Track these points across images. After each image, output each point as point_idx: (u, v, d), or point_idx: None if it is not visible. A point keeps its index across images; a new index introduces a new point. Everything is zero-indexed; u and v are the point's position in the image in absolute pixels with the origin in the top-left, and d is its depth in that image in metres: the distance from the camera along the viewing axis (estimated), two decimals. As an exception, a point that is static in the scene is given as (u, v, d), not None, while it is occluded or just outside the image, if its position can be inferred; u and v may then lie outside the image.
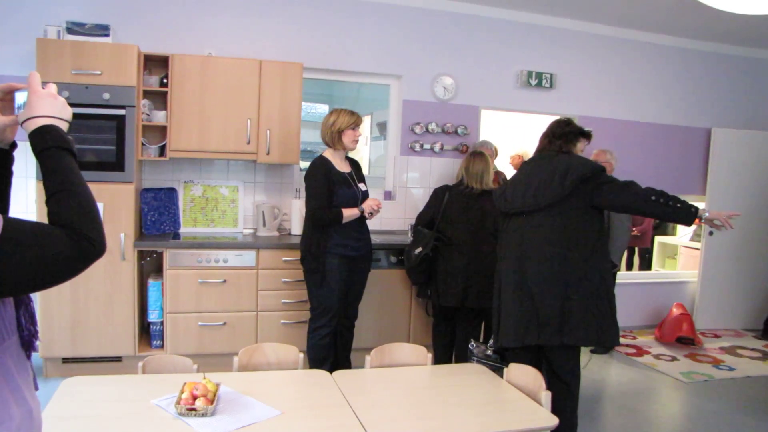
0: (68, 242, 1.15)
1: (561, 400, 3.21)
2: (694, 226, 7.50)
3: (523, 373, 2.86)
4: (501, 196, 3.57)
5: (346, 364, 4.30)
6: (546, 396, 2.63)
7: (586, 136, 3.56)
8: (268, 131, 4.72)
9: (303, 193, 4.28)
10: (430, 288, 4.53)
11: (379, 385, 2.78)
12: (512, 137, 6.95)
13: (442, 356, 4.56)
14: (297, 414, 2.34)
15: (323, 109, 6.87)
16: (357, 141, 4.09)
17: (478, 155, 4.44)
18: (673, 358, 5.71)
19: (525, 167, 3.57)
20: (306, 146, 6.07)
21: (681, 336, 6.08)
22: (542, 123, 6.31)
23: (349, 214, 3.94)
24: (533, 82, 5.95)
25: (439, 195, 4.48)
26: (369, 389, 2.74)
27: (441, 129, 5.67)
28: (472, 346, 3.87)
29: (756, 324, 6.96)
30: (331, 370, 2.93)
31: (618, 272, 5.49)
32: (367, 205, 4.02)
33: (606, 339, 3.31)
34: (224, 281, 4.48)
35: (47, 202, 1.21)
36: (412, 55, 5.54)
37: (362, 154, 6.68)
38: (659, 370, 5.37)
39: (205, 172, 5.06)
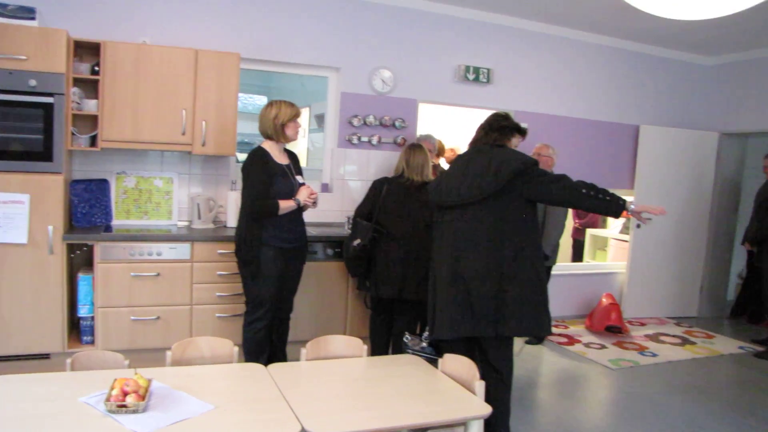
0: None
1: (495, 389, 3.29)
2: (623, 219, 7.78)
3: (458, 364, 2.92)
4: (436, 188, 3.59)
5: (281, 357, 4.29)
6: (480, 385, 2.69)
7: (522, 132, 3.63)
8: (203, 122, 4.65)
9: (239, 185, 4.24)
10: (368, 280, 4.55)
11: (314, 378, 2.79)
12: (449, 131, 7.03)
13: (379, 348, 4.59)
14: (231, 408, 2.33)
15: (261, 100, 6.79)
16: (299, 132, 4.09)
17: (418, 147, 4.48)
18: (602, 346, 5.92)
19: (460, 160, 3.60)
20: (242, 138, 6.00)
21: (610, 325, 6.31)
22: (479, 117, 6.47)
23: (285, 206, 3.92)
24: (471, 76, 6.03)
25: (377, 187, 4.50)
26: (305, 382, 2.74)
27: (379, 122, 5.70)
28: (407, 339, 3.92)
29: (677, 312, 7.29)
30: (266, 364, 2.91)
31: (555, 264, 5.66)
32: (302, 196, 4.01)
33: (539, 330, 3.39)
34: (158, 275, 4.39)
35: None
36: (351, 48, 5.54)
37: (300, 146, 6.64)
38: (589, 358, 5.56)
39: (139, 163, 4.94)
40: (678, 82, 7.40)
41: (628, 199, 3.44)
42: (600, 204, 3.30)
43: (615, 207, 3.32)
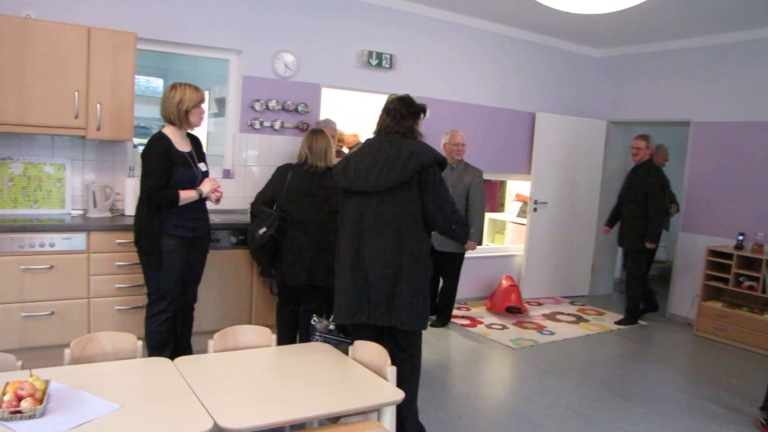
0: None
1: (405, 373, 3.34)
2: (520, 203, 8.07)
3: (368, 350, 2.95)
4: (342, 171, 3.54)
5: (187, 350, 4.17)
6: (391, 371, 2.73)
7: (425, 111, 3.63)
8: (98, 105, 4.41)
9: (138, 172, 4.06)
10: (275, 268, 4.50)
11: (223, 370, 2.74)
12: (352, 116, 7.03)
13: (286, 337, 4.56)
14: (138, 406, 2.25)
15: (157, 83, 6.53)
16: (203, 118, 3.94)
17: (320, 133, 4.44)
18: (504, 327, 6.15)
19: (369, 146, 3.57)
20: (139, 122, 5.75)
21: (510, 306, 6.56)
22: (381, 103, 6.52)
23: (186, 196, 3.79)
24: (373, 62, 6.05)
25: (281, 173, 4.44)
26: (214, 375, 2.68)
27: (281, 106, 5.61)
28: (315, 321, 3.91)
29: (571, 291, 7.67)
30: (171, 357, 2.83)
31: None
32: (205, 188, 3.91)
33: (421, 325, 3.40)
34: (51, 267, 4.15)
35: None
36: (252, 31, 5.41)
37: (200, 131, 6.43)
38: (491, 338, 5.76)
39: (26, 149, 4.63)
40: (570, 72, 7.74)
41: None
42: (453, 235, 3.48)
43: (462, 240, 3.62)
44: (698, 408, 4.49)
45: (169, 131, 3.85)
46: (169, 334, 3.98)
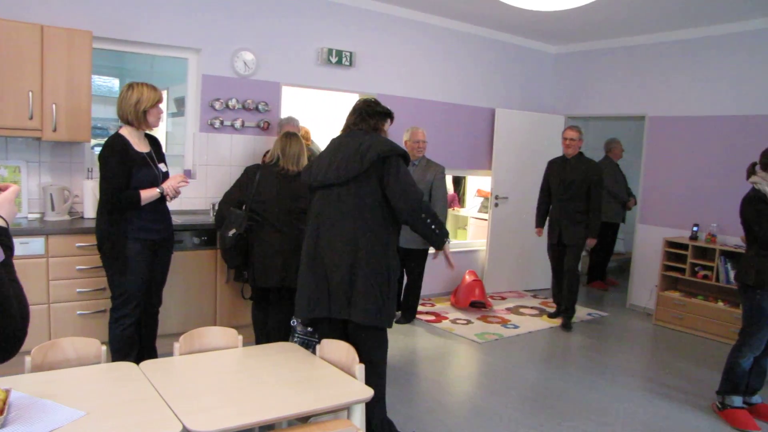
0: None
1: (368, 370, 3.34)
2: (481, 198, 8.15)
3: (336, 348, 2.94)
4: (307, 169, 3.57)
5: (152, 354, 4.11)
6: (360, 369, 2.73)
7: (392, 117, 3.65)
8: (53, 105, 4.31)
9: (96, 173, 3.98)
10: (246, 270, 4.45)
11: (191, 373, 2.71)
12: (313, 115, 7.01)
13: (264, 339, 4.50)
14: (105, 413, 2.21)
15: (114, 83, 6.40)
16: (161, 118, 3.88)
17: (293, 136, 4.41)
18: (468, 322, 6.20)
19: (332, 143, 3.58)
20: (97, 123, 5.64)
21: (474, 300, 6.62)
22: (341, 101, 6.53)
23: (147, 195, 3.73)
24: (333, 59, 6.03)
25: (250, 174, 4.40)
26: (181, 378, 2.66)
27: (242, 105, 5.56)
28: (294, 322, 3.90)
29: (533, 284, 7.78)
30: (137, 361, 2.79)
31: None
32: (168, 186, 3.85)
33: (380, 321, 3.35)
34: (6, 272, 4.04)
35: None
36: (211, 29, 5.35)
37: (158, 131, 6.34)
38: (457, 333, 5.81)
39: (-23, 151, 4.51)
40: (528, 68, 7.85)
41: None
42: (429, 233, 3.39)
43: (439, 241, 3.47)
44: (659, 395, 4.61)
45: (127, 132, 3.78)
46: (135, 338, 3.92)
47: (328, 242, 3.33)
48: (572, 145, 6.10)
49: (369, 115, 3.48)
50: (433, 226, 3.38)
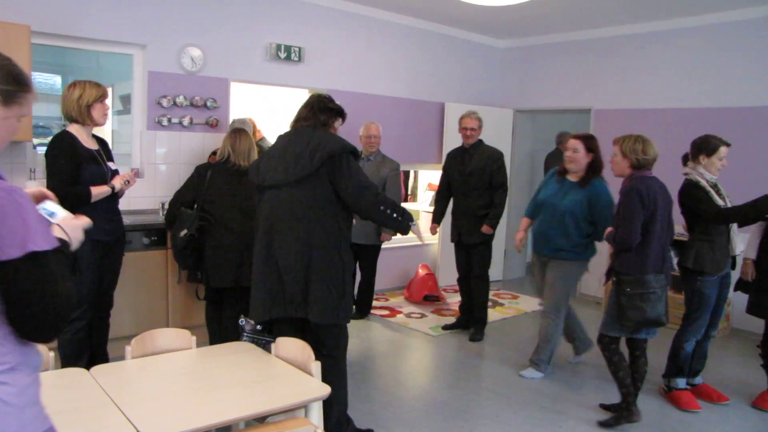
0: None
1: (327, 368, 3.33)
2: (432, 192, 8.20)
3: (291, 346, 2.93)
4: (255, 168, 3.52)
5: (103, 358, 4.01)
6: (316, 366, 2.73)
7: (344, 116, 3.63)
8: (-10, 105, 4.15)
9: (39, 174, 3.86)
10: (200, 271, 4.38)
11: (144, 377, 2.67)
12: (263, 111, 6.94)
13: (218, 339, 4.42)
14: (55, 420, 2.12)
15: (56, 80, 6.20)
16: (107, 115, 3.79)
17: (242, 132, 4.36)
18: (422, 315, 6.25)
19: (280, 140, 3.54)
20: (38, 121, 5.46)
21: (427, 294, 6.67)
22: (291, 96, 6.48)
23: (98, 192, 3.65)
24: (282, 55, 5.98)
25: (201, 173, 4.33)
26: (133, 382, 2.61)
27: (190, 102, 5.47)
28: (243, 321, 3.85)
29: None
30: (87, 367, 2.72)
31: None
32: (118, 181, 3.77)
33: (337, 319, 3.34)
34: (-55, 278, 3.89)
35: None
36: (156, 24, 5.23)
37: (104, 129, 6.17)
38: (411, 327, 5.85)
39: None
40: (477, 62, 7.93)
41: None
42: (393, 222, 3.39)
43: (405, 227, 3.46)
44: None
45: (74, 129, 3.70)
46: (86, 342, 3.83)
47: (280, 243, 3.29)
48: (473, 135, 5.58)
49: (320, 110, 3.45)
50: (395, 215, 3.36)
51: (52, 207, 1.70)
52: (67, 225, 1.68)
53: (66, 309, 1.48)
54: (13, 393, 1.47)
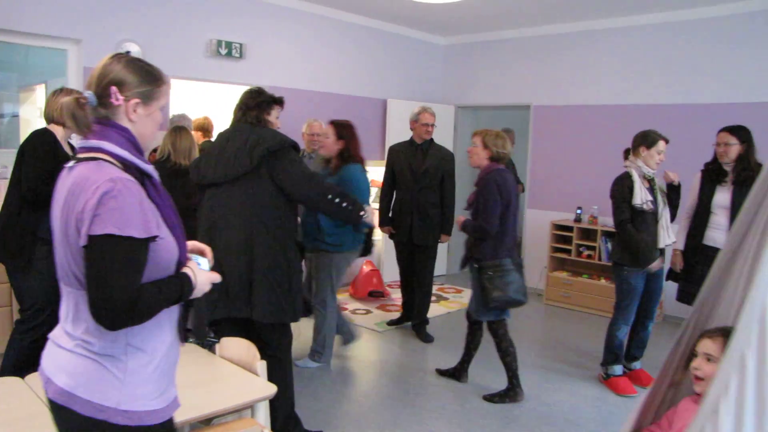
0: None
1: (272, 367, 3.32)
2: (376, 188, 8.22)
3: (236, 346, 2.91)
4: (195, 167, 3.47)
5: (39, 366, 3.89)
6: (261, 366, 2.71)
7: (279, 102, 3.59)
8: None
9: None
10: None
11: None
12: (204, 108, 6.82)
13: None
14: (-10, 431, 2.08)
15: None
16: None
17: (183, 130, 4.29)
18: (368, 311, 6.27)
19: (221, 138, 3.50)
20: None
21: (372, 290, 6.70)
22: (233, 94, 6.39)
23: None
24: (223, 51, 5.90)
25: None
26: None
27: (129, 99, 5.33)
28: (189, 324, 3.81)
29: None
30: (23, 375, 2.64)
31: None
32: None
33: (284, 317, 3.34)
34: None
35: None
36: (92, 18, 5.08)
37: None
38: (357, 323, 5.86)
39: None
40: (419, 59, 7.99)
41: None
42: (343, 212, 3.39)
43: (357, 216, 3.45)
44: (551, 369, 4.86)
45: (54, 129, 3.65)
46: (39, 350, 3.71)
47: (222, 243, 3.24)
48: (432, 131, 5.44)
49: (249, 108, 3.40)
50: (344, 204, 3.36)
51: (202, 260, 1.90)
52: (203, 274, 1.81)
53: (119, 305, 1.53)
54: (121, 368, 1.63)
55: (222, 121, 5.99)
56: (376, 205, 5.74)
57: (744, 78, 5.89)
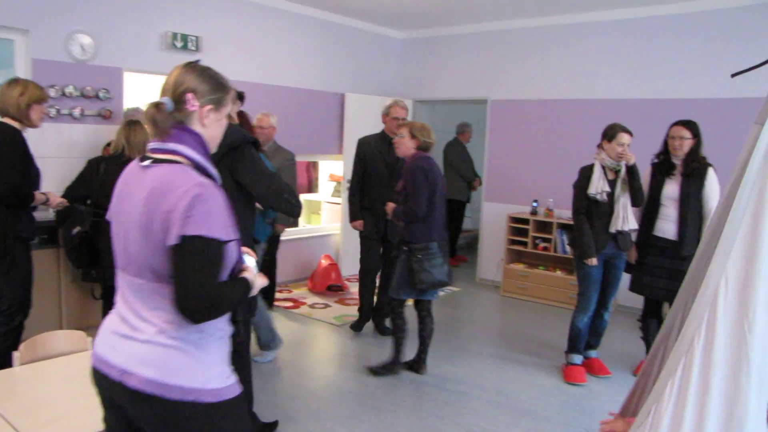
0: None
1: (235, 360, 3.29)
2: (334, 183, 8.22)
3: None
4: None
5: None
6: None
7: (240, 98, 3.58)
8: None
9: None
10: (95, 269, 4.21)
11: (34, 383, 2.55)
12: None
13: None
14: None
15: None
16: (43, 119, 3.71)
17: (137, 124, 4.21)
18: (326, 305, 6.27)
19: None
20: None
21: (330, 284, 6.70)
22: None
23: (37, 198, 3.62)
24: (179, 44, 5.81)
25: (94, 166, 4.16)
26: (22, 390, 2.49)
27: (80, 93, 5.21)
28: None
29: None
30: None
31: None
32: (55, 200, 3.79)
33: (243, 313, 3.25)
34: None
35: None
36: (40, 8, 4.94)
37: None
38: (315, 318, 5.87)
39: None
40: (376, 53, 8.00)
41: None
42: (291, 208, 3.37)
43: (298, 211, 3.45)
44: (510, 360, 4.95)
45: (10, 123, 3.57)
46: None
47: None
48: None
49: None
50: (293, 201, 3.36)
51: (250, 260, 1.99)
52: (257, 279, 1.94)
53: (205, 301, 1.67)
54: (202, 351, 1.78)
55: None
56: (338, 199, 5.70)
57: (693, 75, 6.04)
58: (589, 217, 4.46)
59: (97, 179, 4.10)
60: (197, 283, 1.65)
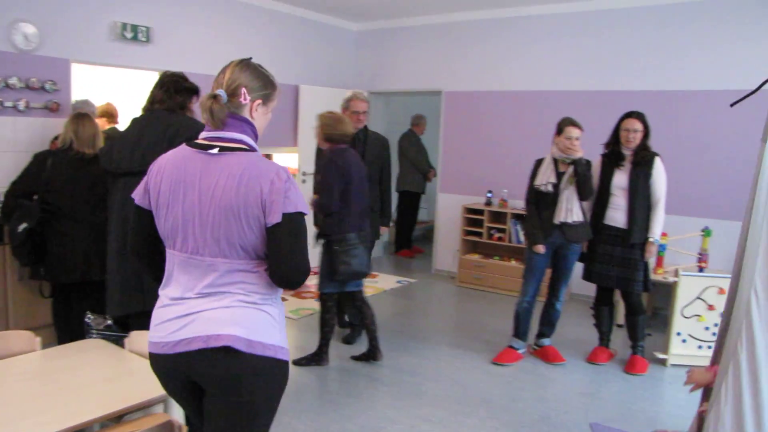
0: None
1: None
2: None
3: (145, 339, 2.84)
4: (107, 154, 3.35)
5: None
6: (173, 360, 2.66)
7: (197, 93, 3.52)
8: None
9: None
10: (42, 266, 4.09)
11: (-19, 385, 2.48)
12: (109, 94, 6.57)
13: (68, 338, 4.15)
14: None
15: None
16: None
17: (86, 117, 4.10)
18: (283, 299, 6.22)
19: (134, 124, 3.39)
20: None
21: (287, 277, 6.64)
22: (139, 79, 6.17)
23: None
24: (128, 35, 5.68)
25: (40, 161, 4.04)
26: (-30, 392, 2.42)
27: (25, 84, 5.05)
28: (89, 318, 3.67)
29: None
30: None
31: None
32: None
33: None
34: None
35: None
36: (-20, -1, 4.79)
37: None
38: (271, 311, 5.82)
39: None
40: (330, 45, 7.95)
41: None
42: None
43: None
44: (466, 349, 5.01)
45: None
46: None
47: None
48: (364, 119, 5.03)
49: (177, 92, 3.34)
50: None
51: None
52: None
53: (305, 270, 1.93)
54: (275, 315, 2.02)
55: (128, 108, 5.80)
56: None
57: (641, 67, 6.18)
58: (537, 207, 4.56)
59: (44, 174, 3.99)
60: (302, 255, 1.91)
